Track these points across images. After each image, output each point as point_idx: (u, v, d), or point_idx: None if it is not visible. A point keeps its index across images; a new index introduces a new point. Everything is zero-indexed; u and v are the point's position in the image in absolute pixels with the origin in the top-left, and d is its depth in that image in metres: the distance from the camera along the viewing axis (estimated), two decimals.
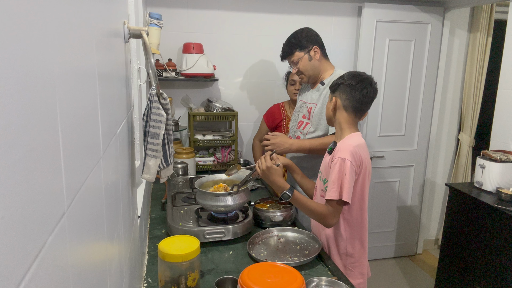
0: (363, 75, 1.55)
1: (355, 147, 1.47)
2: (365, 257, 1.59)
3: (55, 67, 0.41)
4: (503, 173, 2.29)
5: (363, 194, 1.52)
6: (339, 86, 1.54)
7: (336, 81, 1.57)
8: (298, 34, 2.01)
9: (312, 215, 1.52)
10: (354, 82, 1.51)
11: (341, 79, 1.56)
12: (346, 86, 1.52)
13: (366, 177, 1.51)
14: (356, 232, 1.55)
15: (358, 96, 1.51)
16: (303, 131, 2.04)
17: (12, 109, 0.30)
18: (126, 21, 1.05)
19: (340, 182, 1.43)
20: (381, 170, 3.27)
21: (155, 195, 2.19)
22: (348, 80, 1.53)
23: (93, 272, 0.56)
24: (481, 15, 3.18)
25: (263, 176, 1.56)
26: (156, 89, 1.04)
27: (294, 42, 2.00)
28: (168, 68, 2.67)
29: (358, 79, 1.52)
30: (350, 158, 1.43)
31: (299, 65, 1.99)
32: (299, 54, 1.98)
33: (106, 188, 0.66)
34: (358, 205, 1.52)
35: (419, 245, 3.58)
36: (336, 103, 1.55)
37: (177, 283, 1.16)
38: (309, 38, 1.98)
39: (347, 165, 1.43)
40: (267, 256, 1.47)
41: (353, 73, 1.57)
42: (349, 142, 1.49)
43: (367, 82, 1.52)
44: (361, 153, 1.48)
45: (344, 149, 1.47)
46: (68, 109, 0.45)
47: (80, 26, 0.53)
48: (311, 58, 1.98)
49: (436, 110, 3.30)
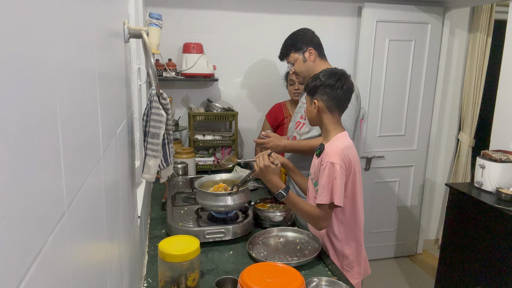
0: (339, 71, 1.53)
1: (343, 149, 1.46)
2: (361, 256, 1.59)
3: (55, 67, 0.41)
4: (503, 173, 2.29)
5: (355, 194, 1.52)
6: (318, 88, 1.51)
7: (312, 83, 1.53)
8: (294, 36, 2.03)
9: (304, 216, 1.52)
10: (333, 81, 1.49)
11: (318, 81, 1.51)
12: (326, 87, 1.49)
13: (356, 177, 1.51)
14: (351, 232, 1.55)
15: (340, 94, 1.49)
16: (299, 132, 2.06)
17: (12, 109, 0.30)
18: (126, 21, 1.05)
19: (330, 186, 1.43)
20: (381, 170, 3.27)
21: (155, 195, 2.19)
22: (326, 80, 1.49)
23: (93, 272, 0.56)
24: (481, 15, 3.18)
25: (260, 174, 1.54)
26: (156, 89, 1.04)
27: (289, 43, 2.02)
28: (168, 68, 2.67)
29: (336, 77, 1.50)
30: (339, 162, 1.43)
31: (295, 66, 2.03)
32: (294, 56, 2.01)
33: (106, 188, 0.66)
34: (351, 206, 1.52)
35: (419, 245, 3.58)
36: (318, 106, 1.52)
37: (177, 283, 1.16)
38: (304, 40, 2.00)
39: (336, 168, 1.42)
40: (267, 256, 1.47)
41: (328, 72, 1.53)
42: (337, 144, 1.48)
43: (344, 77, 1.51)
44: (349, 155, 1.47)
45: (332, 152, 1.46)
46: (68, 109, 0.45)
47: (80, 26, 0.53)
48: (305, 59, 2.00)
49: (436, 110, 3.30)
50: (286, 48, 2.03)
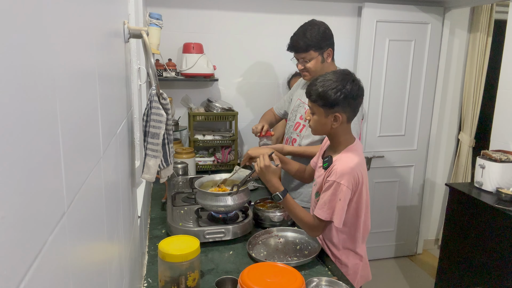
0: (353, 75, 1.40)
1: (353, 169, 1.36)
2: (359, 268, 1.53)
3: (55, 67, 0.41)
4: (503, 173, 2.29)
5: (359, 209, 1.45)
6: (340, 100, 1.34)
7: (332, 95, 1.34)
8: (315, 32, 1.86)
9: (297, 222, 1.50)
10: (356, 89, 1.36)
11: (338, 92, 1.33)
12: (350, 98, 1.35)
13: (363, 192, 1.43)
14: (350, 244, 1.50)
15: (360, 100, 1.41)
16: (300, 134, 2.01)
17: (12, 109, 0.30)
18: (126, 21, 1.05)
19: (332, 205, 1.36)
20: (381, 170, 3.27)
21: (155, 195, 2.19)
22: (349, 89, 1.34)
23: (93, 272, 0.56)
24: (481, 15, 3.18)
25: (260, 174, 1.53)
26: (156, 89, 1.04)
27: (313, 41, 1.86)
28: (168, 68, 2.67)
29: (355, 83, 1.37)
30: (346, 183, 1.34)
31: (310, 64, 1.90)
32: (313, 54, 1.87)
33: (106, 188, 0.66)
34: (352, 218, 1.46)
35: (419, 245, 3.58)
36: (341, 119, 1.38)
37: (177, 283, 1.16)
38: (327, 39, 1.89)
39: (342, 189, 1.34)
40: (267, 256, 1.47)
41: (345, 78, 1.37)
42: (348, 162, 1.37)
43: (358, 80, 1.40)
44: (359, 173, 1.38)
45: (342, 172, 1.35)
46: (68, 109, 0.45)
47: (80, 26, 0.53)
48: (324, 60, 1.90)
49: (436, 110, 3.30)
50: (308, 45, 1.86)
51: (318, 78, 1.41)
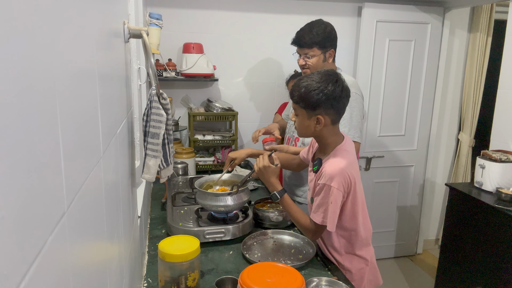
0: (337, 75, 1.35)
1: (343, 169, 1.33)
2: (365, 272, 1.49)
3: (55, 67, 0.41)
4: (503, 173, 2.29)
5: (355, 212, 1.42)
6: (322, 102, 1.31)
7: (314, 96, 1.31)
8: (322, 31, 1.88)
9: (295, 223, 1.49)
10: (339, 90, 1.32)
11: (318, 92, 1.30)
12: (332, 99, 1.31)
13: (357, 192, 1.40)
14: (351, 248, 1.48)
15: (345, 101, 1.36)
16: None
17: (12, 109, 0.30)
18: (126, 21, 1.05)
19: (325, 208, 1.34)
20: (381, 170, 3.27)
21: (155, 195, 2.19)
22: (330, 90, 1.30)
23: (93, 272, 0.56)
24: (481, 15, 3.18)
25: (259, 174, 1.53)
26: (156, 89, 1.04)
27: (318, 39, 1.88)
28: (168, 68, 2.67)
29: (339, 84, 1.33)
30: (336, 185, 1.31)
31: (311, 61, 1.91)
32: (316, 51, 1.89)
33: (106, 188, 0.66)
34: (350, 221, 1.44)
35: (419, 245, 3.58)
36: (323, 122, 1.34)
37: (177, 283, 1.16)
38: (331, 40, 1.91)
39: (333, 192, 1.32)
40: (261, 258, 1.47)
41: (328, 79, 1.32)
42: (337, 163, 1.34)
43: (341, 80, 1.35)
44: (349, 173, 1.34)
45: (331, 174, 1.32)
46: (68, 109, 0.45)
47: (80, 26, 0.53)
48: (325, 59, 1.92)
49: (436, 110, 3.30)
50: (313, 41, 1.88)
51: (303, 78, 1.39)
